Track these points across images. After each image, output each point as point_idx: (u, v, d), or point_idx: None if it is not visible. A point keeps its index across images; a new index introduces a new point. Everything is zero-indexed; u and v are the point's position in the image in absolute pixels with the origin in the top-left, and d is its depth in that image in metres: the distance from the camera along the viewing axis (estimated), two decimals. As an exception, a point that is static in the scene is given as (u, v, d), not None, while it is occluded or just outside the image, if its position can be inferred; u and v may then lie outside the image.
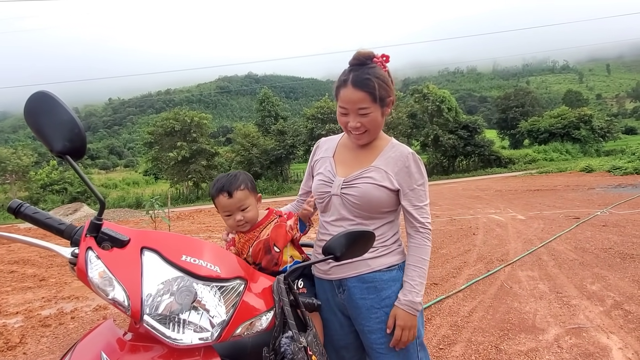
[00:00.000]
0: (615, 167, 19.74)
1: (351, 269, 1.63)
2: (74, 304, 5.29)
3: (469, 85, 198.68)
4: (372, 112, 1.58)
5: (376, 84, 1.55)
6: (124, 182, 44.60)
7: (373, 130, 1.65)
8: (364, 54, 1.60)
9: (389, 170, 1.63)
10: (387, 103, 1.62)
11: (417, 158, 1.67)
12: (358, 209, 1.63)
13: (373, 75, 1.55)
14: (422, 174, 1.66)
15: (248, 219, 1.66)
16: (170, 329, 1.05)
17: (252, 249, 1.66)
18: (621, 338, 3.30)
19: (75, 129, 1.09)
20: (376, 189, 1.61)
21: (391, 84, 1.62)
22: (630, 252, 5.72)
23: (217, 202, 1.67)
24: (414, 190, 1.65)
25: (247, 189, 1.66)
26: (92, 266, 1.05)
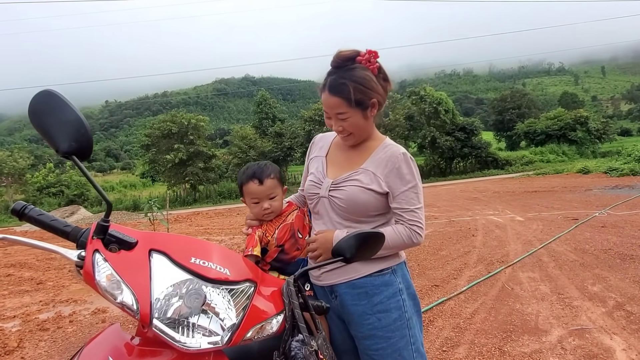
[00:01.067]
0: (611, 168, 19.80)
1: (341, 274, 1.60)
2: (72, 308, 5.24)
3: (465, 87, 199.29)
4: (350, 116, 1.55)
5: (351, 88, 1.50)
6: (120, 184, 44.39)
7: (357, 133, 1.61)
8: (343, 56, 1.55)
9: (379, 172, 1.58)
10: (368, 105, 1.55)
11: (409, 158, 1.59)
12: (345, 212, 1.60)
13: (349, 79, 1.51)
14: (413, 176, 1.58)
15: (274, 208, 1.70)
16: (180, 333, 1.02)
17: (277, 231, 1.70)
18: (624, 339, 3.29)
19: (82, 128, 1.07)
20: (363, 192, 1.56)
21: (376, 84, 1.55)
22: (630, 253, 5.72)
23: (246, 189, 1.70)
24: (404, 193, 1.57)
25: (277, 179, 1.71)
26: (100, 269, 1.03)
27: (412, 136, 33.56)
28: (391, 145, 1.65)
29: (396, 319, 1.56)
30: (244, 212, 17.27)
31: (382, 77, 1.59)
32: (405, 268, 1.67)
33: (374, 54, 1.56)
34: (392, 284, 1.58)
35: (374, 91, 1.54)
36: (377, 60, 1.56)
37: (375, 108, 1.58)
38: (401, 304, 1.58)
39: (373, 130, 1.68)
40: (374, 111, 1.58)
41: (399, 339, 1.56)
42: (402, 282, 1.61)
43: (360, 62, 1.54)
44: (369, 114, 1.57)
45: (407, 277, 1.65)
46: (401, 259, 1.65)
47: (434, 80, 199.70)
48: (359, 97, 1.51)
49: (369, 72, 1.54)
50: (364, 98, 1.52)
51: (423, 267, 5.91)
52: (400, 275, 1.62)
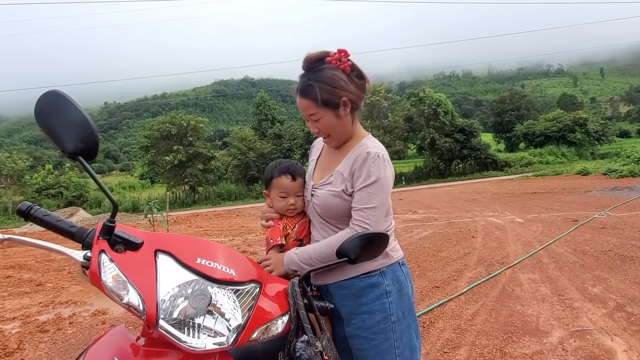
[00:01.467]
0: (610, 170, 19.84)
1: (331, 276, 1.60)
2: (72, 309, 5.23)
3: (464, 89, 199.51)
4: (321, 117, 1.55)
5: (318, 88, 1.50)
6: (119, 186, 44.32)
7: (335, 134, 1.61)
8: (311, 58, 1.55)
9: (346, 174, 1.56)
10: (338, 104, 1.53)
11: (373, 157, 1.52)
12: (324, 216, 1.62)
13: (315, 80, 1.52)
14: (371, 174, 1.50)
15: (298, 206, 1.73)
16: (186, 333, 1.02)
17: (298, 226, 1.73)
18: (625, 340, 3.29)
19: (88, 129, 1.07)
20: (333, 196, 1.56)
21: (345, 82, 1.53)
22: (630, 254, 5.73)
23: (277, 182, 1.73)
24: (359, 192, 1.51)
25: (304, 179, 1.75)
26: (106, 270, 1.03)
27: (411, 137, 33.64)
28: (365, 143, 1.60)
29: (380, 321, 1.54)
30: (244, 213, 17.30)
31: (356, 75, 1.57)
32: (400, 269, 1.62)
33: (344, 52, 1.55)
34: (378, 286, 1.56)
35: (343, 89, 1.53)
36: (349, 58, 1.55)
37: (347, 106, 1.55)
38: (387, 306, 1.55)
39: (354, 130, 1.65)
40: (346, 110, 1.56)
41: (381, 341, 1.53)
42: (392, 284, 1.57)
43: (329, 62, 1.54)
44: (341, 113, 1.55)
45: (399, 279, 1.60)
46: (392, 260, 1.60)
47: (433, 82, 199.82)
48: (326, 96, 1.51)
49: (337, 72, 1.53)
50: (332, 97, 1.52)
51: (423, 268, 5.91)
52: (390, 277, 1.58)
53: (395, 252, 1.63)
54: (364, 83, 1.60)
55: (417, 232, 8.73)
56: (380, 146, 1.60)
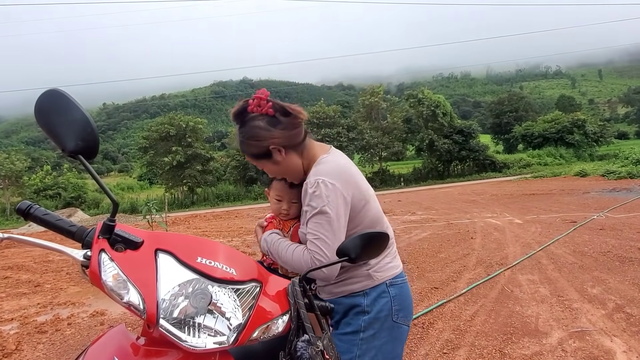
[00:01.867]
0: (609, 171, 19.87)
1: (320, 292, 1.63)
2: (70, 310, 5.22)
3: (463, 91, 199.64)
4: (263, 166, 1.59)
5: (247, 145, 1.54)
6: (118, 187, 44.23)
7: (286, 176, 1.64)
8: (234, 113, 1.54)
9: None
10: (269, 153, 1.53)
11: (314, 185, 1.47)
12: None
13: (244, 136, 1.53)
14: (313, 203, 1.46)
15: (291, 213, 1.76)
16: (186, 333, 1.02)
17: (293, 229, 1.75)
18: (625, 341, 3.29)
19: (88, 127, 1.07)
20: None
21: (265, 130, 1.49)
22: (628, 256, 5.74)
23: (275, 184, 1.76)
24: (309, 222, 1.49)
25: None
26: (106, 269, 1.02)
27: (410, 139, 33.64)
28: (309, 176, 1.55)
29: (348, 333, 1.54)
30: (242, 214, 17.29)
31: (281, 114, 1.51)
32: (387, 290, 1.58)
33: (262, 96, 1.49)
34: (359, 305, 1.56)
35: (267, 139, 1.50)
36: (269, 99, 1.50)
37: (280, 151, 1.53)
38: (360, 322, 1.53)
39: (308, 160, 1.61)
40: (280, 154, 1.54)
41: (344, 351, 1.52)
42: (372, 306, 1.55)
43: (251, 111, 1.51)
44: (277, 159, 1.55)
45: (380, 302, 1.56)
46: (375, 281, 1.57)
47: (431, 83, 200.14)
48: (255, 151, 1.54)
49: (258, 121, 1.50)
50: (260, 150, 1.53)
51: (422, 269, 5.90)
52: (371, 298, 1.56)
53: (382, 272, 1.58)
54: (290, 118, 1.52)
55: (416, 233, 8.73)
56: (327, 169, 1.52)
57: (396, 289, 1.61)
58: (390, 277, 1.61)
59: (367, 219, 1.58)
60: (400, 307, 1.59)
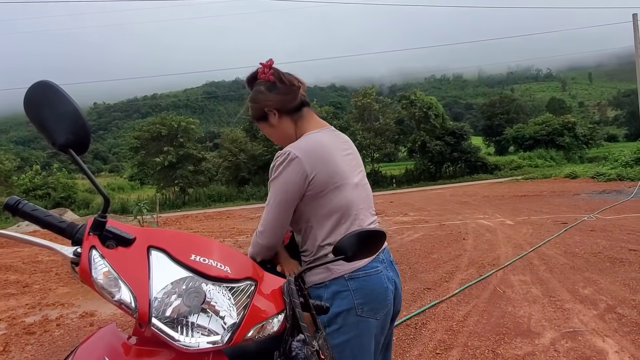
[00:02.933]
0: (598, 173, 20.05)
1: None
2: (59, 311, 5.15)
3: (454, 92, 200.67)
4: (262, 129, 1.75)
5: (249, 107, 1.71)
6: (108, 187, 43.77)
7: (280, 140, 1.73)
8: (247, 79, 1.72)
9: None
10: (265, 115, 1.68)
11: (280, 154, 1.56)
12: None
13: (249, 100, 1.71)
14: (272, 172, 1.58)
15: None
16: (179, 332, 0.99)
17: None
18: (616, 341, 3.30)
19: (79, 121, 1.03)
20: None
21: (263, 94, 1.66)
22: (619, 257, 5.78)
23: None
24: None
25: None
26: (96, 266, 0.99)
27: (402, 140, 33.74)
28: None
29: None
30: (234, 215, 17.21)
31: (279, 80, 1.66)
32: (346, 283, 1.55)
33: (268, 65, 1.66)
34: (319, 299, 1.52)
35: (263, 102, 1.66)
36: (272, 67, 1.67)
37: (274, 115, 1.67)
38: (322, 318, 1.47)
39: (301, 130, 1.69)
40: (274, 117, 1.67)
41: None
42: (332, 299, 1.53)
43: (261, 78, 1.68)
44: (272, 122, 1.69)
45: (341, 295, 1.54)
46: (334, 274, 1.55)
47: (424, 85, 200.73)
48: (255, 113, 1.70)
49: (260, 86, 1.67)
50: (259, 112, 1.69)
51: (415, 270, 5.91)
52: (331, 291, 1.55)
53: (340, 265, 1.54)
54: (287, 85, 1.66)
55: (409, 234, 8.74)
56: (301, 144, 1.58)
57: (357, 282, 1.56)
58: (349, 271, 1.56)
59: (332, 204, 1.57)
60: (364, 301, 1.55)
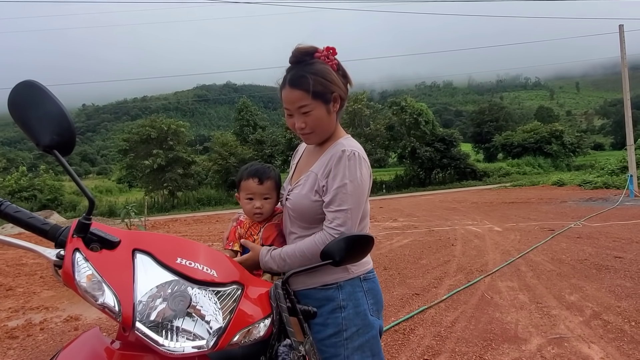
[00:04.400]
0: (585, 181, 20.30)
1: (292, 283, 1.54)
2: (43, 315, 5.07)
3: (445, 99, 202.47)
4: (312, 109, 1.50)
5: (312, 80, 1.47)
6: (96, 189, 43.33)
7: (319, 130, 1.56)
8: (302, 51, 1.53)
9: (320, 173, 1.52)
10: (330, 99, 1.52)
11: (351, 154, 1.48)
12: (297, 220, 1.58)
13: (309, 72, 1.49)
14: (349, 173, 1.46)
15: (265, 210, 1.71)
16: (164, 336, 0.97)
17: (263, 230, 1.71)
18: (602, 348, 3.33)
19: (65, 122, 1.02)
20: (304, 198, 1.53)
21: (336, 78, 1.53)
22: (605, 264, 5.84)
23: (244, 185, 1.72)
24: (331, 192, 1.47)
25: (274, 182, 1.73)
26: (80, 269, 0.97)
27: (392, 146, 33.87)
28: (340, 143, 1.56)
29: (331, 335, 1.49)
30: (223, 219, 17.11)
31: (342, 74, 1.58)
32: (360, 285, 1.56)
33: (332, 50, 1.55)
34: (333, 300, 1.51)
35: (335, 84, 1.52)
36: (336, 57, 1.56)
37: (337, 103, 1.55)
38: (339, 321, 1.49)
39: (336, 130, 1.63)
40: (336, 106, 1.55)
41: (330, 356, 1.48)
42: (348, 300, 1.52)
43: (318, 57, 1.54)
44: (331, 108, 1.54)
45: (357, 296, 1.54)
46: (351, 274, 1.54)
47: (414, 92, 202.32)
48: (319, 89, 1.49)
49: (328, 67, 1.53)
50: (325, 91, 1.50)
51: (403, 275, 5.91)
52: (346, 292, 1.53)
53: (357, 266, 1.56)
54: (347, 82, 1.60)
55: (398, 240, 8.75)
56: (357, 145, 1.56)
57: (369, 283, 1.59)
58: (364, 272, 1.59)
59: (366, 208, 1.59)
60: (374, 302, 1.59)
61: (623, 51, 17.35)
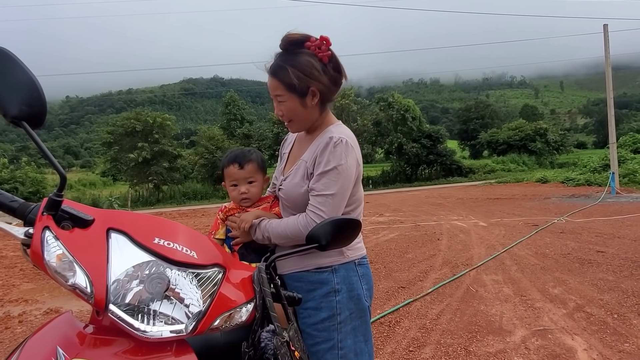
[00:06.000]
0: (568, 178, 20.60)
1: (285, 266, 1.55)
2: (22, 308, 4.95)
3: (431, 96, 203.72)
4: (286, 100, 1.50)
5: (291, 72, 1.45)
6: (79, 182, 42.64)
7: (297, 120, 1.55)
8: (291, 40, 1.49)
9: (310, 161, 1.50)
10: (306, 92, 1.48)
11: (338, 141, 1.46)
12: (290, 208, 1.56)
13: (289, 63, 1.46)
14: (334, 159, 1.44)
15: (251, 194, 1.67)
16: (139, 320, 0.92)
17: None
18: (585, 339, 3.36)
19: (35, 92, 0.96)
20: (296, 186, 1.51)
21: (318, 72, 1.47)
22: (587, 258, 5.91)
23: (227, 172, 1.69)
24: (318, 177, 1.45)
25: (258, 165, 1.69)
26: (50, 248, 0.91)
27: (379, 142, 33.98)
28: (329, 130, 1.55)
29: (325, 319, 1.47)
30: (209, 213, 16.97)
31: (333, 67, 1.52)
32: (355, 269, 1.55)
33: (326, 41, 1.49)
34: (327, 283, 1.49)
35: (314, 79, 1.47)
36: (330, 48, 1.50)
37: (315, 97, 1.50)
38: (333, 305, 1.48)
39: (324, 119, 1.60)
40: (314, 100, 1.50)
41: (323, 340, 1.47)
42: (342, 284, 1.50)
43: (308, 47, 1.48)
44: (307, 102, 1.50)
45: (351, 280, 1.53)
46: (346, 258, 1.53)
47: (401, 88, 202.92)
48: (294, 82, 1.46)
49: (314, 60, 1.48)
50: (301, 84, 1.47)
51: (390, 269, 5.91)
52: (341, 275, 1.51)
53: (353, 251, 1.56)
54: (339, 77, 1.55)
55: (384, 234, 8.76)
56: (347, 132, 1.54)
57: (363, 268, 1.59)
58: (359, 257, 1.59)
59: (358, 194, 1.57)
60: (367, 287, 1.59)
61: (607, 51, 17.56)
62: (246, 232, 1.57)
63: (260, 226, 1.54)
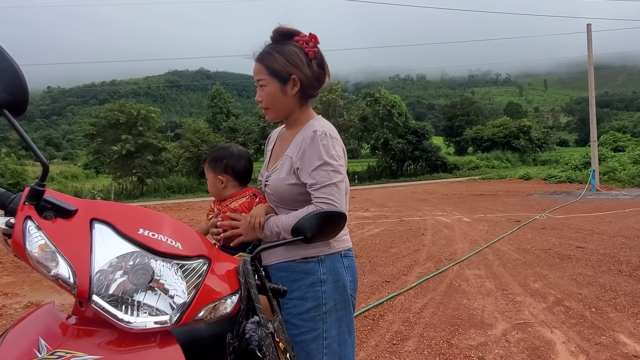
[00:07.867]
0: (550, 175, 20.94)
1: (270, 256, 1.55)
2: (2, 301, 4.86)
3: (418, 93, 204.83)
4: (267, 84, 1.53)
5: (275, 57, 1.51)
6: (61, 175, 41.92)
7: (274, 107, 1.57)
8: (281, 32, 1.55)
9: (295, 156, 1.51)
10: (287, 79, 1.51)
11: (323, 134, 1.48)
12: (278, 203, 1.58)
13: (276, 50, 1.52)
14: (325, 153, 1.46)
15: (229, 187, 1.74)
16: (123, 311, 0.92)
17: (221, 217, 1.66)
18: (564, 332, 3.43)
19: (16, 79, 0.94)
20: (282, 181, 1.52)
21: (301, 63, 1.51)
22: (567, 253, 6.03)
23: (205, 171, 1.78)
24: (319, 169, 1.45)
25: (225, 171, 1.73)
26: (32, 238, 0.90)
27: (365, 137, 34.04)
28: (310, 124, 1.56)
29: (310, 309, 1.48)
30: (194, 207, 16.86)
31: (317, 63, 1.56)
32: (341, 260, 1.56)
33: (315, 38, 1.54)
34: (313, 273, 1.50)
35: (297, 67, 1.51)
36: (317, 46, 1.55)
37: (295, 86, 1.53)
38: (319, 295, 1.49)
39: (303, 114, 1.62)
40: (294, 88, 1.53)
41: (308, 330, 1.48)
42: (328, 274, 1.51)
43: (297, 41, 1.54)
44: (287, 90, 1.53)
45: (337, 271, 1.54)
46: (332, 249, 1.54)
47: (388, 84, 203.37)
48: (277, 67, 1.51)
49: (300, 52, 1.53)
50: (283, 70, 1.51)
51: (374, 263, 5.95)
52: (327, 266, 1.52)
53: (339, 242, 1.57)
54: (322, 74, 1.59)
55: (369, 229, 8.81)
56: (328, 125, 1.57)
57: (349, 260, 1.61)
58: (345, 249, 1.60)
59: (346, 183, 1.57)
60: (352, 279, 1.60)
61: (590, 50, 17.83)
62: (254, 229, 1.54)
63: (269, 222, 1.53)
